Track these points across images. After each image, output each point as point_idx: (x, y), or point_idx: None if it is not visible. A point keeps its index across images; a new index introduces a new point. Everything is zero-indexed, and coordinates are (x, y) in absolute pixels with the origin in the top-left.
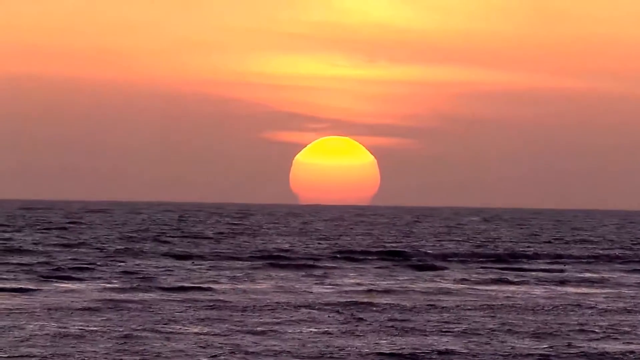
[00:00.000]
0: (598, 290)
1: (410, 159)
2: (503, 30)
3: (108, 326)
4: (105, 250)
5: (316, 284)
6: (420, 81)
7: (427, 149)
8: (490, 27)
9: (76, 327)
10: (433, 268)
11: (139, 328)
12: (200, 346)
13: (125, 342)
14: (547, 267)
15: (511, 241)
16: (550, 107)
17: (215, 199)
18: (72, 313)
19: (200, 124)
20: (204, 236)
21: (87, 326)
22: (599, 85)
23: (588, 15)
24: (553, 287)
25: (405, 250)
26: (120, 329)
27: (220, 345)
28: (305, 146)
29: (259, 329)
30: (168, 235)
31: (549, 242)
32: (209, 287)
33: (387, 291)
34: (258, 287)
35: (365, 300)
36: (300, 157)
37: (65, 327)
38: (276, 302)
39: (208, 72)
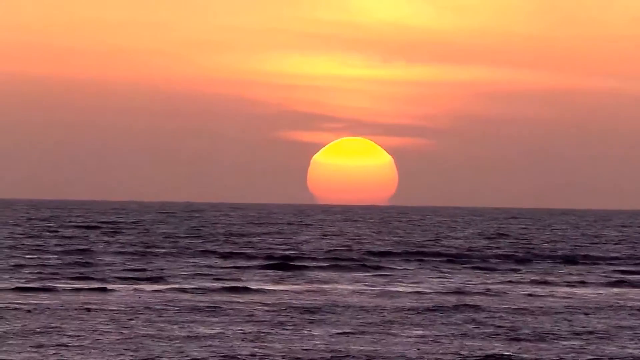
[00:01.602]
0: None
1: (428, 159)
2: (521, 30)
3: None
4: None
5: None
6: (437, 81)
7: (444, 149)
8: (507, 27)
9: None
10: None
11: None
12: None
13: None
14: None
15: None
16: (569, 107)
17: (230, 199)
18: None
19: (216, 123)
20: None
21: None
22: (620, 86)
23: (609, 15)
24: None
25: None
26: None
27: None
28: (322, 146)
29: (392, 331)
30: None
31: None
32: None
33: (483, 293)
34: (352, 287)
35: (470, 301)
36: (318, 157)
37: None
38: (375, 304)
39: (224, 71)
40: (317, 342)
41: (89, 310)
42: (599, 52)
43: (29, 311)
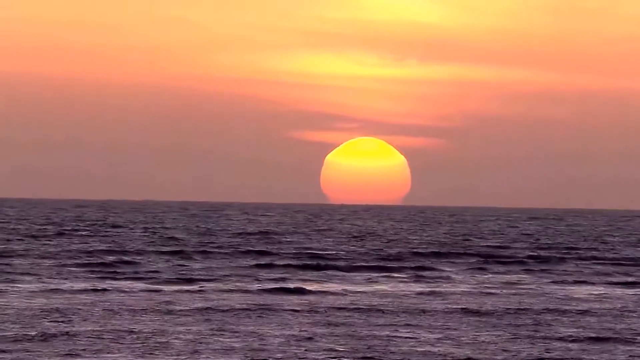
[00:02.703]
0: None
1: (441, 159)
2: (534, 29)
3: None
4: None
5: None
6: (451, 80)
7: (457, 149)
8: (521, 26)
9: None
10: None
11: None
12: None
13: None
14: None
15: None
16: (584, 107)
17: (243, 198)
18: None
19: (229, 123)
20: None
21: None
22: (634, 85)
23: (623, 14)
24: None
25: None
26: None
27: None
28: (335, 146)
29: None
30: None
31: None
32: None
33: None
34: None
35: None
36: (331, 158)
37: None
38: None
39: (237, 70)
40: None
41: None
42: (614, 52)
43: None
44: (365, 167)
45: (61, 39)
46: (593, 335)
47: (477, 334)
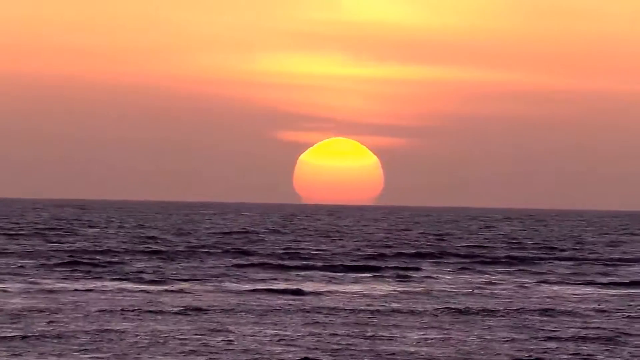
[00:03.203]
0: None
1: (415, 159)
2: (510, 30)
3: None
4: None
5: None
6: (425, 81)
7: (432, 149)
8: (497, 27)
9: None
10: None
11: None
12: None
13: None
14: None
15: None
16: (556, 106)
17: (219, 198)
18: None
19: (206, 122)
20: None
21: None
22: (605, 85)
23: (595, 13)
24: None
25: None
26: None
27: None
28: (310, 146)
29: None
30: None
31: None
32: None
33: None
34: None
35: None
36: (305, 158)
37: None
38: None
39: (214, 71)
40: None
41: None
42: (587, 51)
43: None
44: (337, 167)
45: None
46: (581, 335)
47: (462, 333)
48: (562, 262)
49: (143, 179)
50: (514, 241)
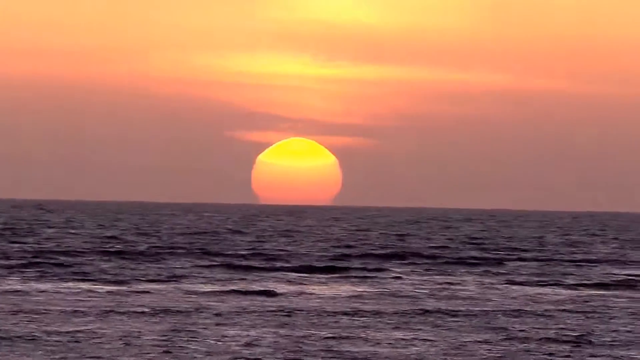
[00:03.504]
0: None
1: (372, 159)
2: (465, 29)
3: None
4: None
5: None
6: (381, 80)
7: (388, 148)
8: (452, 26)
9: None
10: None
11: None
12: None
13: None
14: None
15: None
16: (510, 106)
17: (176, 198)
18: None
19: (162, 121)
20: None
21: None
22: (557, 84)
23: (547, 13)
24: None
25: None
26: None
27: None
28: (267, 145)
29: None
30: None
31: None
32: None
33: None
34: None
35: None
36: (263, 158)
37: None
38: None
39: (171, 70)
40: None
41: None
42: (542, 50)
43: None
44: (295, 168)
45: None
46: (550, 336)
47: (431, 334)
48: (526, 263)
49: (99, 178)
50: (476, 242)
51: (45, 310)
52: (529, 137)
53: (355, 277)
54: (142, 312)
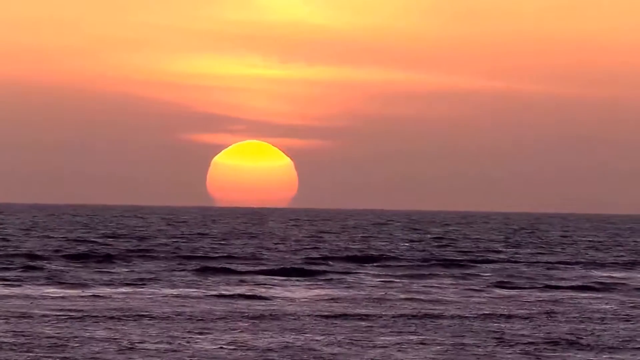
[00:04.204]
0: None
1: (327, 160)
2: (418, 30)
3: None
4: None
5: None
6: (336, 81)
7: (343, 150)
8: (405, 27)
9: None
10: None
11: None
12: None
13: None
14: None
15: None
16: (464, 107)
17: (129, 201)
18: None
19: (114, 123)
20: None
21: None
22: (515, 85)
23: (504, 14)
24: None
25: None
26: None
27: None
28: (221, 148)
29: None
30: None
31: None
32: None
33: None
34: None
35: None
36: (218, 160)
37: None
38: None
39: (124, 70)
40: None
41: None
42: (497, 51)
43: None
44: (251, 170)
45: None
46: (531, 340)
47: (417, 337)
48: (496, 265)
49: (54, 181)
50: (444, 243)
51: (4, 316)
52: (483, 137)
53: (325, 280)
54: (112, 317)
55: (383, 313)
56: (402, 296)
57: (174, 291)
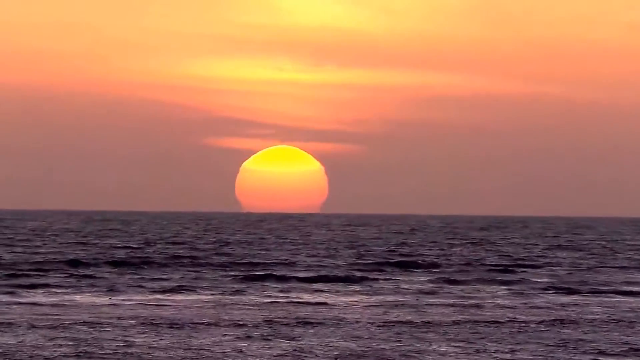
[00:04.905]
0: None
1: (359, 165)
2: (452, 34)
3: None
4: None
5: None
6: (368, 85)
7: (375, 155)
8: (439, 30)
9: None
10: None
11: None
12: None
13: None
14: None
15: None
16: (499, 111)
17: (154, 207)
18: None
19: (141, 129)
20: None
21: None
22: (550, 90)
23: (540, 19)
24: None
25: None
26: None
27: None
28: (250, 152)
29: None
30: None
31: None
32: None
33: None
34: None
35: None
36: (247, 165)
37: None
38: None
39: (150, 76)
40: None
41: None
42: (532, 55)
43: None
44: (280, 175)
45: None
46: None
47: (450, 348)
48: (545, 270)
49: (79, 188)
50: (487, 248)
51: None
52: (519, 142)
53: (382, 287)
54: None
55: (442, 320)
56: (458, 302)
57: (223, 297)
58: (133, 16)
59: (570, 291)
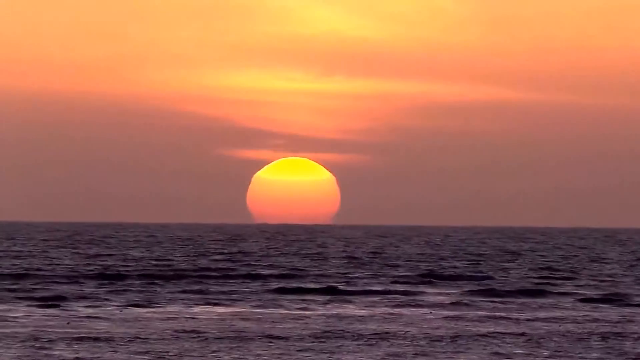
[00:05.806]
0: None
1: (370, 175)
2: (461, 42)
3: None
4: None
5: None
6: (377, 95)
7: (386, 164)
8: (449, 39)
9: None
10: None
11: None
12: None
13: None
14: None
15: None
16: (509, 120)
17: (166, 218)
18: None
19: (154, 139)
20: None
21: None
22: (559, 98)
23: (548, 26)
24: None
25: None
26: None
27: None
28: (259, 163)
29: None
30: None
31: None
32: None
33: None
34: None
35: None
36: (260, 175)
37: None
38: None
39: (162, 85)
40: None
41: None
42: (541, 63)
43: None
44: (292, 185)
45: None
46: None
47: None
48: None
49: (93, 200)
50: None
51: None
52: (528, 151)
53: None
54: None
55: (505, 331)
56: (523, 316)
57: (273, 310)
58: (147, 28)
59: None
